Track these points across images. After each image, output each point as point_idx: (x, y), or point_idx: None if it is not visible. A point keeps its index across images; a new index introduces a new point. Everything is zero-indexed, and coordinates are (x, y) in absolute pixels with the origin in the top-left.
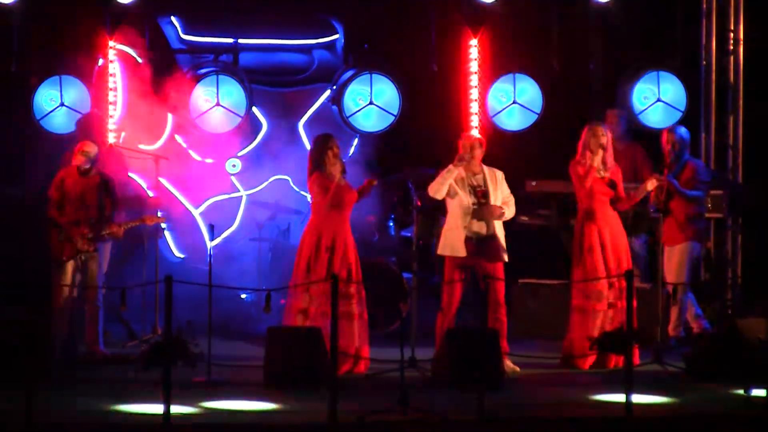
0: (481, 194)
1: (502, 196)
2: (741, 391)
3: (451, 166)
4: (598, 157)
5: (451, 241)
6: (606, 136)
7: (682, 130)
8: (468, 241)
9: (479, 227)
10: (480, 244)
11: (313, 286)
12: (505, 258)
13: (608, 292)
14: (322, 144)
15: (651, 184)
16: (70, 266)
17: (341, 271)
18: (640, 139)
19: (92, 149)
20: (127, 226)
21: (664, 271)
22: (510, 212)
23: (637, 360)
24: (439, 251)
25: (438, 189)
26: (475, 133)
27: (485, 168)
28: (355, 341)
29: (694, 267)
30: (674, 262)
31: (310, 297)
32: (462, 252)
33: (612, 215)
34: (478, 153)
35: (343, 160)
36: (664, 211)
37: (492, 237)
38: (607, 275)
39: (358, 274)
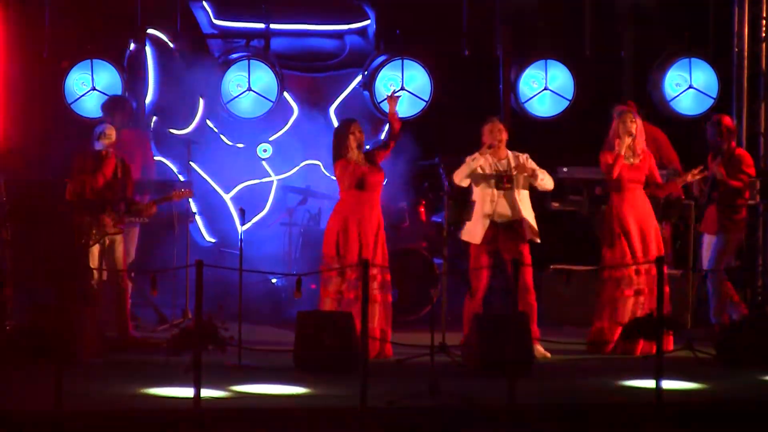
0: (506, 179)
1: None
2: None
3: (477, 154)
4: (626, 144)
5: (471, 228)
6: (635, 123)
7: (728, 119)
8: (492, 226)
9: (504, 211)
10: (505, 228)
11: (344, 270)
12: (536, 239)
13: (637, 279)
14: (344, 129)
15: (692, 176)
16: (96, 249)
17: (366, 254)
18: (669, 126)
19: (113, 132)
20: (159, 203)
21: (702, 258)
22: (546, 178)
23: (671, 346)
24: (462, 236)
25: (462, 176)
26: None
27: (510, 153)
28: (375, 325)
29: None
30: (712, 250)
31: (342, 281)
32: (477, 239)
33: (643, 202)
34: (503, 138)
35: (366, 145)
36: (708, 200)
37: (518, 221)
38: (636, 261)
39: (383, 259)
